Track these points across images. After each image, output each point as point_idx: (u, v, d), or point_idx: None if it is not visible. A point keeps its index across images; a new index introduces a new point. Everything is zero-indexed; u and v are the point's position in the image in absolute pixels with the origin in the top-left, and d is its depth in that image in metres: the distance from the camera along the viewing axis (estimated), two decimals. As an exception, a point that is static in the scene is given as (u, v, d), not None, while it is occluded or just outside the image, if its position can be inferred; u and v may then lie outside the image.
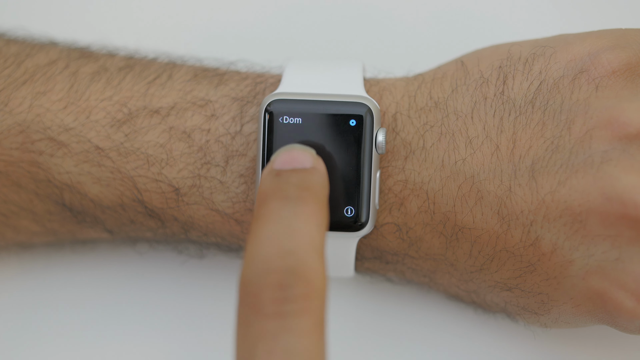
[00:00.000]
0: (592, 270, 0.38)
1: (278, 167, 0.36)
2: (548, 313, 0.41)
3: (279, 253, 0.32)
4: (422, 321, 0.47)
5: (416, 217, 0.41)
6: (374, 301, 0.48)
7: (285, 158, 0.37)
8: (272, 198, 0.34)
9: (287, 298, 0.31)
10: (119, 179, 0.43)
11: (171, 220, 0.44)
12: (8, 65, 0.44)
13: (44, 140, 0.42)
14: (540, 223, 0.39)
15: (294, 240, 0.32)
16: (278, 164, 0.36)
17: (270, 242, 0.32)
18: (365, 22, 0.53)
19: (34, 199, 0.44)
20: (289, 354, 0.30)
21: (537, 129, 0.39)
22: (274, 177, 0.35)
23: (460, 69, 0.43)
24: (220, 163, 0.42)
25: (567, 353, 0.47)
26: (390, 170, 0.42)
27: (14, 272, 0.49)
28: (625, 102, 0.38)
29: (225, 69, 0.45)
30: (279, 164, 0.36)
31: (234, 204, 0.42)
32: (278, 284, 0.31)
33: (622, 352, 0.47)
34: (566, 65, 0.40)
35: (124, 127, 0.43)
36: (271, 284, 0.31)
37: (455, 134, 0.41)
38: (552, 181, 0.38)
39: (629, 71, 0.39)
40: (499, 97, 0.41)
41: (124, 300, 0.48)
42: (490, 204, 0.40)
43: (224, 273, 0.48)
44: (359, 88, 0.42)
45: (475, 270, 0.42)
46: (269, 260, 0.32)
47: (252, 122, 0.42)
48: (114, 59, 0.45)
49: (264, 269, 0.31)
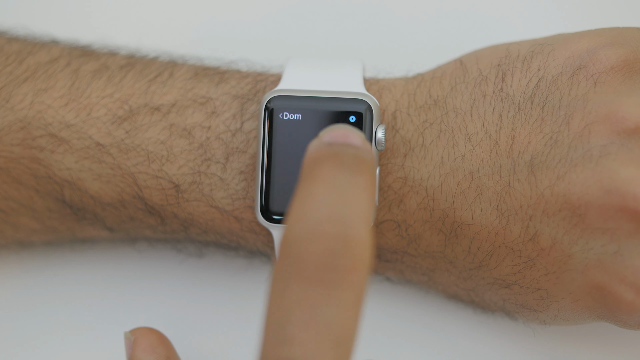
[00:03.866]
0: (591, 264, 0.38)
1: (328, 140, 0.33)
2: (547, 309, 0.41)
3: (331, 217, 0.29)
4: (421, 321, 0.47)
5: (415, 214, 0.42)
6: (373, 301, 0.48)
7: (336, 133, 0.33)
8: (326, 162, 0.31)
9: (334, 266, 0.28)
10: (119, 176, 0.43)
11: (171, 217, 0.44)
12: (10, 62, 0.44)
13: (45, 137, 0.43)
14: (539, 218, 0.39)
15: (348, 208, 0.30)
16: (328, 137, 0.33)
17: (322, 205, 0.30)
18: (365, 22, 0.53)
19: (34, 196, 0.44)
20: (328, 327, 0.28)
21: (536, 125, 0.40)
22: (327, 146, 0.32)
23: (459, 68, 0.43)
24: (221, 160, 0.42)
25: (566, 353, 0.47)
26: (389, 167, 0.42)
27: (13, 270, 0.49)
28: (623, 97, 0.39)
29: (226, 67, 0.45)
30: (330, 137, 0.33)
31: (233, 201, 0.43)
32: (327, 250, 0.29)
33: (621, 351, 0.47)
34: (564, 62, 0.41)
35: (124, 124, 0.43)
36: (319, 249, 0.29)
37: (454, 131, 0.41)
38: (551, 176, 0.39)
39: (627, 67, 0.40)
40: (498, 94, 0.41)
41: (122, 299, 0.48)
42: (490, 200, 0.40)
43: (223, 272, 0.48)
44: (359, 85, 0.42)
45: (474, 268, 0.42)
46: (320, 223, 0.29)
47: (253, 119, 0.43)
48: (115, 57, 0.45)
49: (314, 231, 0.29)
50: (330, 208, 0.30)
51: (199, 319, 0.48)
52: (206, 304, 0.48)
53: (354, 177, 0.31)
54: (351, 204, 0.30)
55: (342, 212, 0.30)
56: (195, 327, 0.48)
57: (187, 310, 0.48)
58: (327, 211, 0.29)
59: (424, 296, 0.48)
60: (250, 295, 0.48)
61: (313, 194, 0.30)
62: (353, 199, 0.30)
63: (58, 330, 0.48)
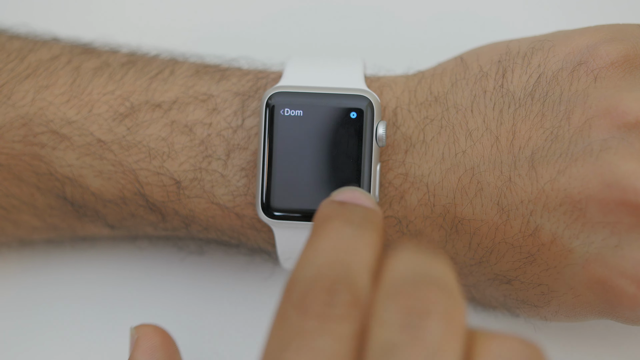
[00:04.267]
0: (592, 259, 0.38)
1: (340, 199, 0.35)
2: (548, 305, 0.41)
3: (334, 262, 0.31)
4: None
5: (416, 210, 0.42)
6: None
7: (348, 195, 0.35)
8: (335, 219, 0.33)
9: (332, 303, 0.30)
10: (120, 172, 0.43)
11: (172, 213, 0.44)
12: (11, 59, 0.44)
13: (47, 133, 0.43)
14: (539, 213, 0.39)
15: (352, 256, 0.32)
16: (340, 197, 0.35)
17: (327, 253, 0.32)
18: (366, 21, 0.53)
19: (35, 193, 0.44)
20: (320, 353, 0.29)
21: (536, 120, 0.40)
22: (337, 204, 0.34)
23: (459, 65, 0.43)
24: (222, 156, 0.43)
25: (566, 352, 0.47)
26: (390, 163, 0.42)
27: (14, 268, 0.49)
28: (623, 92, 0.39)
29: (227, 65, 0.45)
30: (342, 198, 0.35)
31: (234, 198, 0.43)
32: (327, 288, 0.30)
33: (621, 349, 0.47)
34: (565, 58, 0.41)
35: (126, 121, 0.43)
36: (321, 287, 0.30)
37: (455, 127, 0.41)
38: (552, 170, 0.39)
39: (627, 63, 0.40)
40: (499, 90, 0.41)
41: (123, 297, 0.48)
42: (490, 195, 0.40)
43: (224, 270, 0.48)
44: (360, 82, 0.42)
45: (474, 263, 0.42)
46: (323, 266, 0.31)
47: (254, 116, 0.43)
48: (116, 55, 0.45)
49: (317, 272, 0.31)
50: (335, 254, 0.31)
51: (199, 316, 0.48)
52: (207, 302, 0.48)
53: (360, 232, 0.32)
54: (354, 253, 0.32)
55: (345, 259, 0.31)
56: (196, 325, 0.48)
57: (188, 307, 0.48)
58: (331, 257, 0.31)
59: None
60: (251, 292, 0.48)
61: (320, 244, 0.32)
62: (357, 249, 0.32)
63: (59, 327, 0.48)
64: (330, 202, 0.34)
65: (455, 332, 0.29)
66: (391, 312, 0.29)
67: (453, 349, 0.28)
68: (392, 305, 0.29)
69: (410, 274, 0.30)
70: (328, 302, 0.30)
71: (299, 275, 0.31)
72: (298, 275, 0.31)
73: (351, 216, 0.33)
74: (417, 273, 0.30)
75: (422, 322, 0.29)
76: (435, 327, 0.29)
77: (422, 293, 0.29)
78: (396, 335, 0.29)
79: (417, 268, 0.30)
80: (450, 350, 0.28)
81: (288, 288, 0.31)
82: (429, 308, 0.29)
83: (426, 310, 0.29)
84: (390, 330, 0.29)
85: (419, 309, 0.29)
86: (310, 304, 0.30)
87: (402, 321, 0.29)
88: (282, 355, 0.29)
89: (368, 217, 0.33)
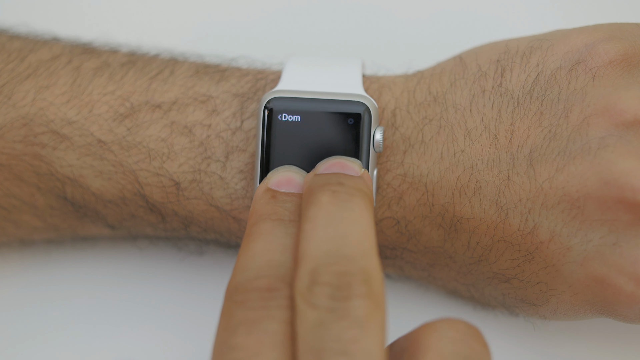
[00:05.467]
0: (590, 256, 0.38)
1: (273, 186, 0.38)
2: (546, 304, 0.41)
3: (269, 263, 0.34)
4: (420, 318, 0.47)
5: (415, 210, 0.42)
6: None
7: (281, 178, 0.38)
8: (266, 219, 0.36)
9: (273, 297, 0.33)
10: (120, 173, 0.43)
11: (171, 214, 0.44)
12: (12, 60, 0.44)
13: (47, 134, 0.43)
14: (538, 211, 0.39)
15: (284, 254, 0.34)
16: (274, 183, 0.38)
17: (261, 256, 0.34)
18: (365, 20, 0.53)
19: (35, 193, 0.44)
20: (268, 333, 0.32)
21: (535, 119, 0.40)
22: (270, 199, 0.37)
23: (458, 65, 0.43)
24: (221, 158, 0.43)
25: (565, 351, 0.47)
26: (389, 165, 0.42)
27: (14, 268, 0.49)
28: (622, 90, 0.39)
29: (227, 65, 0.45)
30: (275, 184, 0.38)
31: (232, 201, 0.43)
32: (267, 287, 0.33)
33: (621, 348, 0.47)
34: (563, 57, 0.41)
35: (126, 121, 0.43)
36: (261, 286, 0.33)
37: (454, 126, 0.41)
38: (550, 168, 0.39)
39: (625, 61, 0.40)
40: (497, 89, 0.41)
41: (123, 297, 0.48)
42: (489, 194, 0.40)
43: (223, 270, 0.48)
44: (358, 86, 0.42)
45: (473, 262, 0.42)
46: (260, 269, 0.34)
47: (253, 118, 0.43)
48: (116, 55, 0.45)
49: (256, 275, 0.34)
50: (269, 256, 0.35)
51: (199, 316, 0.48)
52: (207, 302, 0.48)
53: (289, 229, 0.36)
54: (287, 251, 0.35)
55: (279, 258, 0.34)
56: (196, 325, 0.48)
57: (188, 307, 0.48)
58: (266, 259, 0.34)
59: (424, 293, 0.48)
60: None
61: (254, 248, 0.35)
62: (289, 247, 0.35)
63: (59, 327, 0.48)
64: (262, 194, 0.37)
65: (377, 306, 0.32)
66: (316, 299, 0.32)
67: (376, 319, 0.32)
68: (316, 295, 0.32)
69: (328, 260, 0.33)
70: (269, 297, 0.33)
71: (239, 279, 0.34)
72: (238, 279, 0.34)
73: (281, 213, 0.36)
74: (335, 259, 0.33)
75: (345, 304, 0.32)
76: (358, 305, 0.32)
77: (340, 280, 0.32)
78: (323, 314, 0.32)
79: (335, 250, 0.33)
80: (375, 320, 0.32)
81: (230, 291, 0.34)
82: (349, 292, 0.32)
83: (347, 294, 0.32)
84: (318, 311, 0.32)
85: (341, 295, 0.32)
86: (254, 300, 0.33)
87: (327, 305, 0.32)
88: (231, 341, 0.32)
89: (297, 209, 0.36)
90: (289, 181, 0.38)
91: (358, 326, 0.31)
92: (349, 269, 0.33)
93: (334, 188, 0.35)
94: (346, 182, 0.36)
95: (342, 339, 0.31)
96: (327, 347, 0.31)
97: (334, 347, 0.31)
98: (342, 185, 0.36)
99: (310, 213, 0.35)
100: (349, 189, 0.36)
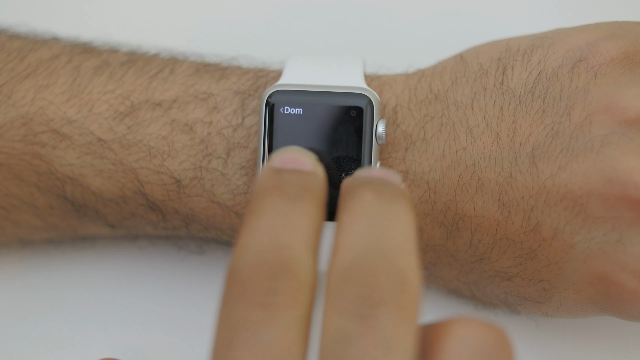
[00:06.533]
0: (593, 254, 0.38)
1: (278, 165, 0.34)
2: (549, 301, 0.41)
3: (273, 245, 0.30)
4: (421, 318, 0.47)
5: (417, 207, 0.42)
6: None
7: (286, 157, 0.34)
8: (270, 193, 0.32)
9: (275, 290, 0.29)
10: (120, 171, 0.43)
11: (172, 212, 0.44)
12: (11, 59, 0.44)
13: (47, 133, 0.43)
14: (540, 208, 0.39)
15: (290, 235, 0.31)
16: (278, 162, 0.34)
17: (264, 234, 0.31)
18: (366, 19, 0.53)
19: (35, 192, 0.44)
20: (267, 347, 0.29)
21: (537, 117, 0.40)
22: (274, 174, 0.34)
23: (459, 63, 0.43)
24: (222, 155, 0.43)
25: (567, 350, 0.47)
26: (390, 161, 0.42)
27: (14, 268, 0.49)
28: (624, 88, 0.39)
29: (227, 64, 0.45)
30: (279, 162, 0.34)
31: (234, 196, 0.43)
32: (268, 275, 0.30)
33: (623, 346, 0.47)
34: (564, 55, 0.41)
35: (126, 120, 0.43)
36: (261, 274, 0.30)
37: (455, 124, 0.41)
38: (553, 166, 0.39)
39: (627, 59, 0.40)
40: (499, 87, 0.41)
41: (123, 296, 0.48)
42: (491, 192, 0.40)
43: (224, 269, 0.48)
44: (360, 80, 0.42)
45: (475, 260, 0.42)
46: (262, 252, 0.30)
47: (254, 114, 0.43)
48: (116, 54, 0.45)
49: (256, 259, 0.30)
50: (272, 235, 0.30)
51: (199, 316, 0.48)
52: (207, 301, 0.48)
53: (296, 205, 0.31)
54: (292, 230, 0.31)
55: (283, 239, 0.30)
56: (196, 324, 0.48)
57: (188, 307, 0.48)
58: (269, 239, 0.30)
59: (425, 292, 0.48)
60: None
61: (256, 224, 0.31)
62: (295, 225, 0.31)
63: (59, 328, 0.48)
64: (266, 171, 0.33)
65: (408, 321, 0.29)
66: (345, 299, 0.29)
67: (406, 337, 0.28)
68: (346, 292, 0.29)
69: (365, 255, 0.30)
70: (270, 289, 0.29)
71: (238, 261, 0.30)
72: (238, 261, 0.30)
73: (287, 187, 0.32)
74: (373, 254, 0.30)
75: (375, 311, 0.28)
76: (387, 317, 0.28)
77: (375, 279, 0.29)
78: (350, 324, 0.28)
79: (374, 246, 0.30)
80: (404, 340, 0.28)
81: (229, 277, 0.30)
82: (382, 297, 0.29)
83: (379, 299, 0.29)
84: (344, 318, 0.29)
85: (373, 298, 0.29)
86: (252, 294, 0.29)
87: (355, 310, 0.29)
88: (229, 351, 0.29)
89: (305, 185, 0.32)
90: (294, 160, 0.34)
91: (383, 346, 0.28)
92: (384, 267, 0.29)
93: (378, 188, 0.32)
94: (391, 185, 0.32)
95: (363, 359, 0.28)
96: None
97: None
98: (387, 187, 0.32)
99: (351, 205, 0.32)
100: (394, 192, 0.32)
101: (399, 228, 0.31)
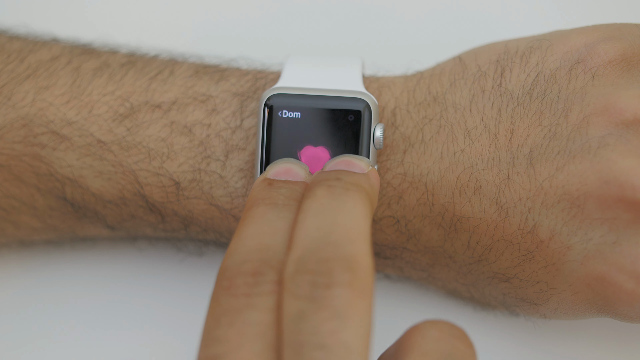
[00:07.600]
0: (591, 255, 0.39)
1: (271, 176, 0.38)
2: (547, 303, 0.41)
3: (256, 247, 0.34)
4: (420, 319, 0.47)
5: (415, 209, 0.42)
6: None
7: (279, 169, 0.38)
8: (260, 203, 0.36)
9: (256, 283, 0.33)
10: (120, 173, 0.43)
11: (171, 214, 0.44)
12: (11, 60, 0.44)
13: (47, 134, 0.43)
14: (538, 210, 0.39)
15: (272, 238, 0.34)
16: (272, 174, 0.38)
17: (250, 239, 0.34)
18: (365, 21, 0.53)
19: (35, 194, 0.44)
20: (250, 324, 0.32)
21: (534, 118, 0.40)
22: (266, 186, 0.37)
23: (458, 65, 0.43)
24: (221, 157, 0.43)
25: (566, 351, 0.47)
26: (389, 164, 0.42)
27: (13, 269, 0.49)
28: (621, 90, 0.39)
29: (226, 65, 0.45)
30: (273, 174, 0.38)
31: (232, 199, 0.43)
32: (252, 271, 0.33)
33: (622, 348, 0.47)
34: (562, 57, 0.41)
35: (126, 122, 0.43)
36: (246, 270, 0.33)
37: (453, 126, 0.41)
38: (550, 167, 0.39)
39: (625, 61, 0.40)
40: (497, 89, 0.41)
41: (122, 298, 0.48)
42: (489, 193, 0.40)
43: (219, 271, 0.48)
44: (358, 84, 0.42)
45: (473, 262, 0.42)
46: (247, 252, 0.34)
47: (252, 116, 0.43)
48: (116, 55, 0.45)
49: (242, 259, 0.33)
50: (258, 239, 0.34)
51: (198, 317, 0.48)
52: (206, 303, 0.48)
53: (282, 213, 0.35)
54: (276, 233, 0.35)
55: (267, 241, 0.34)
56: (195, 326, 0.48)
57: (187, 308, 0.48)
58: (255, 242, 0.34)
59: (424, 293, 0.48)
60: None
61: (245, 231, 0.35)
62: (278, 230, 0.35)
63: (59, 328, 0.48)
64: (260, 182, 0.37)
65: (361, 296, 0.32)
66: (299, 287, 0.32)
67: (360, 310, 0.31)
68: (300, 281, 0.32)
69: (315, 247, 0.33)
70: (252, 283, 0.33)
71: (227, 262, 0.34)
72: (227, 262, 0.34)
73: (276, 197, 0.36)
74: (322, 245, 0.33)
75: (327, 292, 0.32)
76: (339, 294, 0.32)
77: (325, 267, 0.32)
78: (304, 304, 0.32)
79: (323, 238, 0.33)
80: (357, 312, 0.31)
81: (219, 275, 0.34)
82: (333, 279, 0.32)
83: (331, 282, 0.32)
84: (300, 300, 0.32)
85: (325, 282, 0.32)
86: (237, 287, 0.33)
87: (309, 294, 0.32)
88: (214, 332, 0.32)
89: (293, 194, 0.36)
90: (287, 171, 0.38)
91: (337, 317, 0.31)
92: (332, 255, 0.32)
93: (331, 183, 0.35)
94: (344, 178, 0.36)
95: (320, 331, 0.31)
96: (306, 341, 0.31)
97: (312, 340, 0.31)
98: (340, 181, 0.36)
99: (305, 205, 0.35)
100: (346, 184, 0.35)
101: (346, 218, 0.34)
